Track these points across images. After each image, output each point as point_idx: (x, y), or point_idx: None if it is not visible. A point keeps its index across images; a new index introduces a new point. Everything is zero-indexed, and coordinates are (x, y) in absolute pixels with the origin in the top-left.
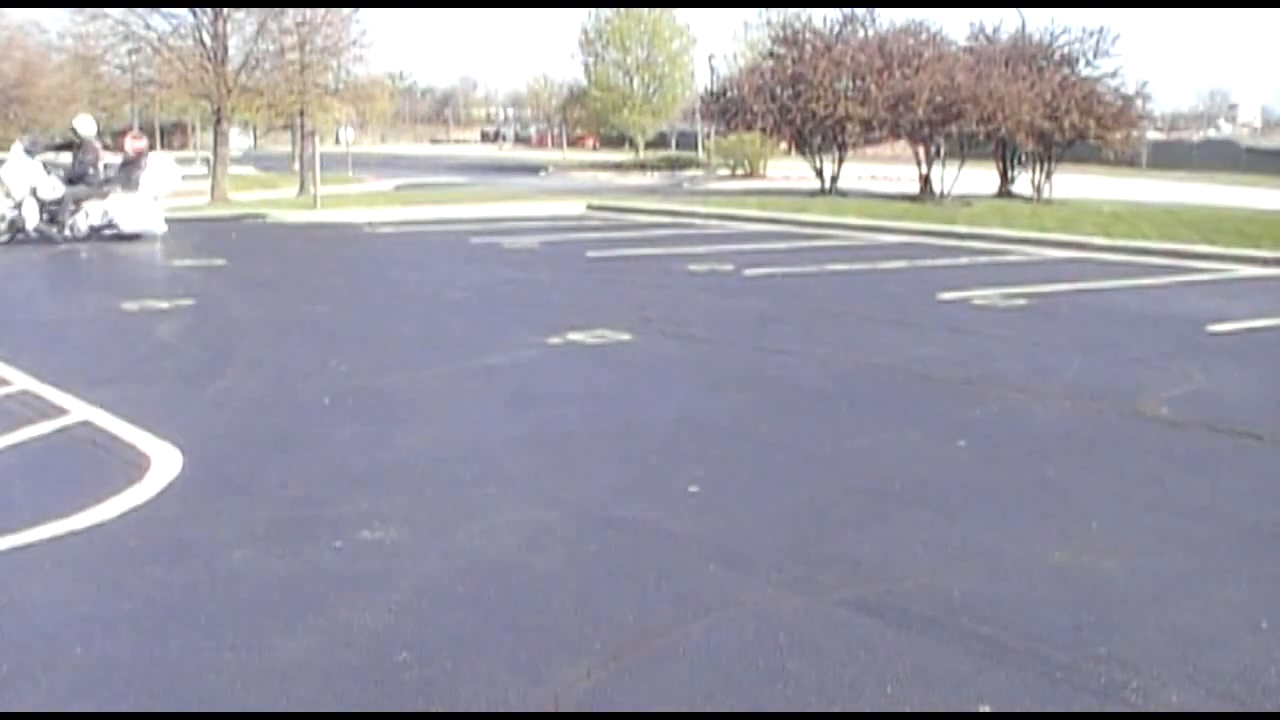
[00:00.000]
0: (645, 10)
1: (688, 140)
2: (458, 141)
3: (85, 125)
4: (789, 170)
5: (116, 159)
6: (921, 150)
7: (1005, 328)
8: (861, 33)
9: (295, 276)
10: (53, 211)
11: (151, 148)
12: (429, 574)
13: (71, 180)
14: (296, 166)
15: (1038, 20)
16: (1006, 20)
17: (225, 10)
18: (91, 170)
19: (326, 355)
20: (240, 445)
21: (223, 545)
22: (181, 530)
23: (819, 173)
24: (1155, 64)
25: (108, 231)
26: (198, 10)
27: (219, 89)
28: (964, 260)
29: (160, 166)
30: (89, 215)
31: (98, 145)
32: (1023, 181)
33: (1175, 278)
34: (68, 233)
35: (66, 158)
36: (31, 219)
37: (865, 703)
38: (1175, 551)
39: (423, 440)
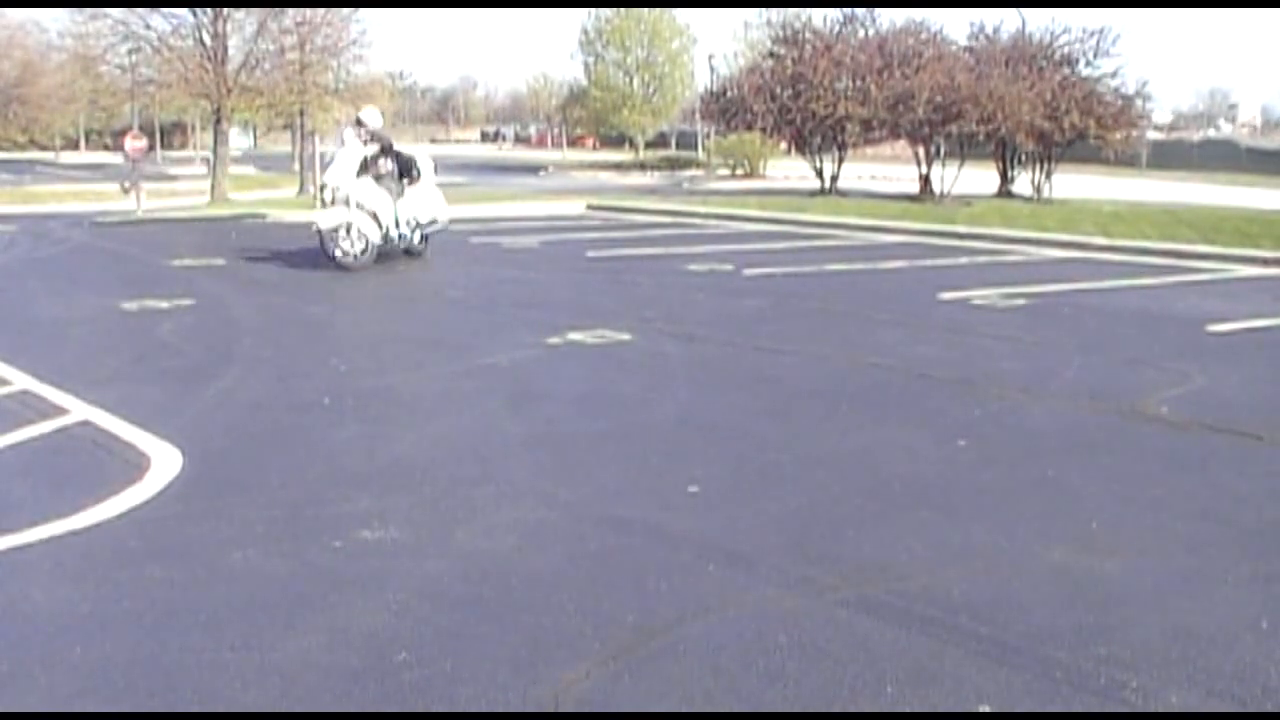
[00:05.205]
0: (645, 10)
1: (688, 140)
2: (458, 141)
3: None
4: (789, 170)
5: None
6: (921, 150)
7: (1005, 328)
8: (861, 32)
9: (295, 276)
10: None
11: (151, 148)
12: (429, 574)
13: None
14: (296, 166)
15: (1038, 20)
16: (1007, 20)
17: (225, 10)
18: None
19: (326, 355)
20: (240, 445)
21: (223, 545)
22: (181, 530)
23: (819, 173)
24: (1155, 64)
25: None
26: (198, 10)
27: (219, 89)
28: (964, 260)
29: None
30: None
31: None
32: (1023, 181)
33: (1175, 278)
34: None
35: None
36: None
37: (865, 703)
38: (1175, 551)
39: (422, 440)
